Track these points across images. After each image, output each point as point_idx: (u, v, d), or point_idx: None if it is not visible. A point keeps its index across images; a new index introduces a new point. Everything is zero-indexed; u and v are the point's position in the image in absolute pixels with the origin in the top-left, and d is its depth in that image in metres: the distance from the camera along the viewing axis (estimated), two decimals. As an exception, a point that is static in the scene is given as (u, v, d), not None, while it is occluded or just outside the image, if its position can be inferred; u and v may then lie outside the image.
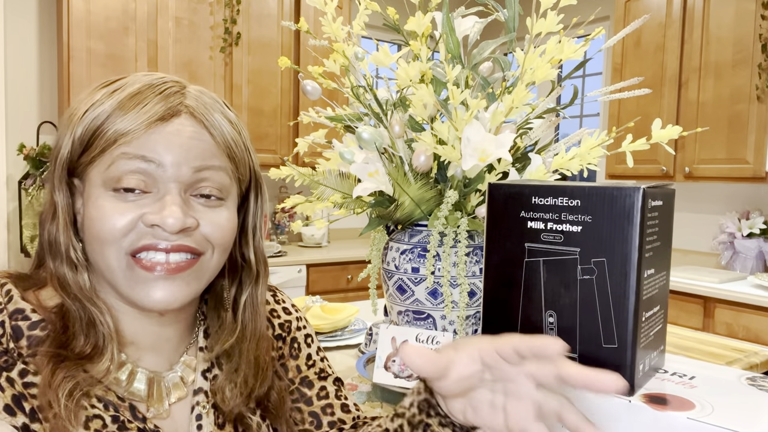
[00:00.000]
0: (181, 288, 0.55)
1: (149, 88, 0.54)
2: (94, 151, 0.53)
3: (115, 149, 0.52)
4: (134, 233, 0.53)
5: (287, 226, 3.46)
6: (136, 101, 0.53)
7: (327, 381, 0.72)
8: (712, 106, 2.74)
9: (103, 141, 0.53)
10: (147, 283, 0.54)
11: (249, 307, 0.63)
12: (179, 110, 0.54)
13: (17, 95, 2.79)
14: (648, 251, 0.45)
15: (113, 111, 0.53)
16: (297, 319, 0.74)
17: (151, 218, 0.52)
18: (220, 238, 0.57)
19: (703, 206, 3.13)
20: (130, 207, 0.53)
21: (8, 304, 0.54)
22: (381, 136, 0.94)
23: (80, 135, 0.54)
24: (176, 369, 0.61)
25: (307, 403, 0.69)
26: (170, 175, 0.53)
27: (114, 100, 0.53)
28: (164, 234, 0.53)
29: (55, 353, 0.51)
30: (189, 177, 0.54)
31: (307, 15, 3.16)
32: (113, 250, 0.53)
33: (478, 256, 0.97)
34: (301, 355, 0.72)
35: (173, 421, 0.59)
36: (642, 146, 0.89)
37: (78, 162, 0.55)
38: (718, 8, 2.71)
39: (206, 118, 0.55)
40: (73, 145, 0.54)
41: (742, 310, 2.44)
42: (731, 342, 1.49)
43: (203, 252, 0.56)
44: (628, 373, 0.44)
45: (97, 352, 0.53)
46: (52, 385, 0.50)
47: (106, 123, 0.53)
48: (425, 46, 0.89)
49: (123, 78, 0.57)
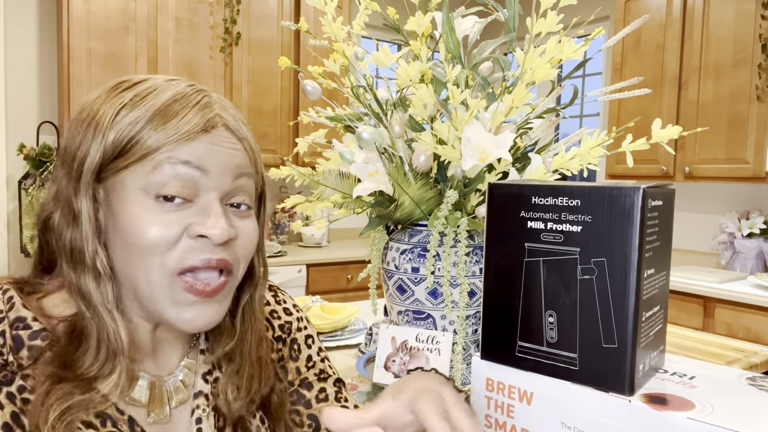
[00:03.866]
0: (217, 310, 0.55)
1: (184, 97, 0.54)
2: (132, 157, 0.52)
3: (158, 155, 0.51)
4: (180, 247, 0.52)
5: (287, 226, 3.46)
6: (174, 110, 0.52)
7: (327, 383, 0.71)
8: (712, 106, 2.74)
9: (143, 148, 0.51)
10: (187, 307, 0.53)
11: (248, 310, 0.63)
12: (216, 122, 0.54)
13: (17, 95, 2.79)
14: (648, 251, 0.45)
15: (152, 118, 0.52)
16: (298, 320, 0.73)
17: (197, 229, 0.52)
18: (250, 249, 0.57)
19: (703, 206, 3.13)
20: (174, 218, 0.52)
21: (9, 312, 0.53)
22: (381, 136, 0.94)
23: (114, 140, 0.52)
24: (177, 373, 0.61)
25: (306, 406, 0.69)
26: (214, 184, 0.53)
27: (149, 105, 0.52)
28: (209, 246, 0.53)
29: (54, 372, 0.50)
30: (229, 186, 0.55)
31: (307, 15, 3.16)
32: (156, 264, 0.52)
33: (478, 256, 0.97)
34: (301, 356, 0.71)
35: (171, 423, 0.59)
36: (642, 146, 0.89)
37: (107, 167, 0.53)
38: (718, 8, 2.71)
39: (238, 130, 0.56)
40: (105, 150, 0.52)
41: (742, 310, 2.44)
42: (731, 342, 1.49)
43: (234, 269, 0.56)
44: (628, 373, 0.44)
45: (104, 372, 0.52)
46: (44, 405, 0.49)
47: (145, 129, 0.52)
48: (425, 46, 0.89)
49: (144, 81, 0.55)
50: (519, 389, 0.50)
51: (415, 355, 0.98)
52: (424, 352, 0.98)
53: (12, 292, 0.55)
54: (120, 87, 0.55)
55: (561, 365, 0.48)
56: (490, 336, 0.52)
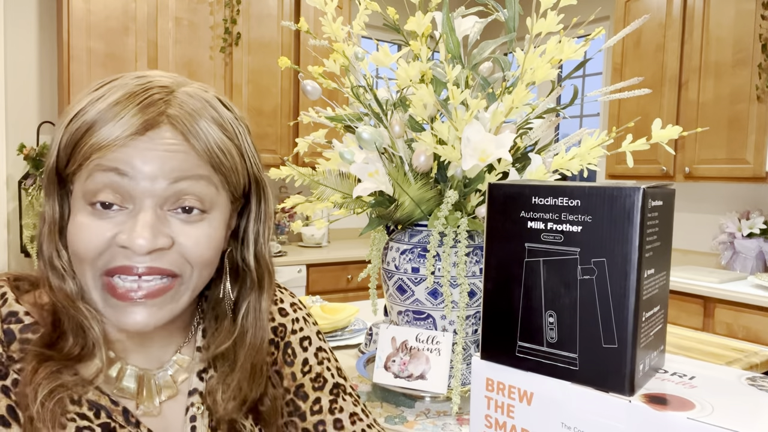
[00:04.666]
0: (154, 313, 0.53)
1: (130, 97, 0.51)
2: (75, 164, 0.52)
3: (91, 162, 0.51)
4: (108, 253, 0.51)
5: (287, 226, 3.46)
6: (114, 112, 0.50)
7: (323, 391, 0.68)
8: (712, 106, 2.74)
9: (81, 154, 0.51)
10: (120, 310, 0.53)
11: (252, 314, 0.61)
12: (158, 121, 0.51)
13: (17, 95, 2.79)
14: (648, 251, 0.45)
15: (94, 122, 0.51)
16: (293, 321, 0.71)
17: (121, 238, 0.51)
18: (199, 257, 0.54)
19: (703, 206, 3.13)
20: (105, 226, 0.51)
21: (2, 307, 0.54)
22: (381, 136, 0.94)
23: (65, 145, 0.52)
24: (167, 368, 0.60)
25: (301, 418, 0.67)
26: (144, 189, 0.51)
27: (96, 109, 0.51)
28: (135, 256, 0.51)
29: (40, 352, 0.51)
30: (165, 190, 0.51)
31: (307, 15, 3.16)
32: (88, 269, 0.52)
33: (478, 256, 0.97)
34: (296, 361, 0.69)
35: (165, 420, 0.59)
36: (642, 146, 0.89)
37: (65, 172, 0.53)
38: (718, 8, 2.71)
39: (188, 128, 0.52)
40: (59, 155, 0.53)
41: (742, 310, 2.44)
42: (731, 342, 1.49)
43: (180, 274, 0.54)
44: (628, 373, 0.44)
45: (87, 353, 0.53)
46: (33, 383, 0.49)
47: (86, 135, 0.51)
48: (425, 46, 0.89)
49: (115, 80, 0.54)
50: (519, 389, 0.50)
51: (415, 355, 0.98)
52: (424, 352, 0.98)
53: (6, 288, 0.56)
54: (92, 87, 0.54)
55: (561, 365, 0.47)
56: (490, 336, 0.52)
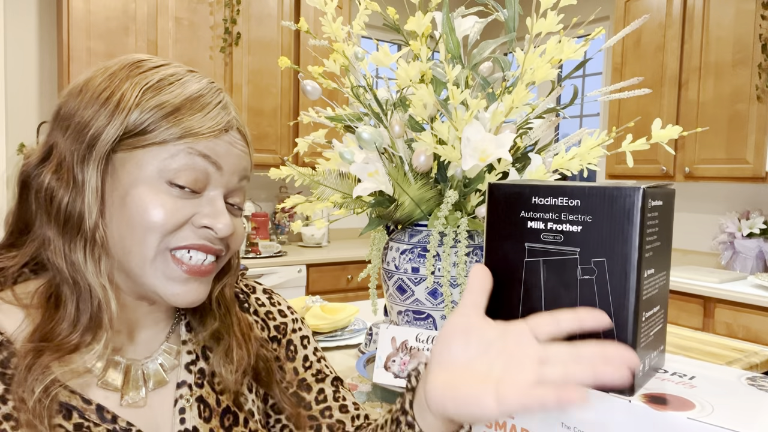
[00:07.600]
0: (204, 290, 0.58)
1: (209, 93, 0.56)
2: (152, 139, 0.53)
3: (180, 143, 0.53)
4: (181, 233, 0.54)
5: (287, 226, 3.46)
6: (201, 104, 0.55)
7: (325, 383, 0.72)
8: (712, 106, 2.74)
9: (166, 133, 0.53)
10: (179, 282, 0.55)
11: (225, 294, 0.65)
12: (232, 124, 0.57)
13: (17, 95, 2.79)
14: (648, 251, 0.45)
15: (180, 106, 0.54)
16: (293, 321, 0.74)
17: (203, 221, 0.55)
18: (239, 245, 0.61)
19: (703, 206, 3.13)
20: (181, 205, 0.54)
21: None
22: (381, 136, 0.94)
23: (136, 119, 0.53)
24: (156, 357, 0.61)
25: (306, 408, 0.70)
26: (223, 181, 0.57)
27: (176, 93, 0.54)
28: (211, 237, 0.56)
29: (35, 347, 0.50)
30: (234, 185, 0.58)
31: (307, 15, 3.16)
32: (155, 240, 0.53)
33: (478, 256, 0.97)
34: (298, 356, 0.72)
35: (152, 411, 0.58)
36: (642, 146, 0.89)
37: (123, 142, 0.53)
38: (718, 8, 2.71)
39: (247, 135, 0.60)
40: (126, 128, 0.53)
41: (742, 310, 2.44)
42: (731, 342, 1.49)
43: (221, 258, 0.60)
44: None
45: (85, 341, 0.52)
46: (28, 380, 0.49)
47: (171, 116, 0.53)
48: (425, 46, 0.89)
49: (166, 65, 0.57)
50: (519, 389, 0.50)
51: (415, 355, 0.98)
52: (424, 352, 0.98)
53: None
54: (142, 66, 0.56)
55: (561, 365, 0.47)
56: (490, 336, 0.52)
